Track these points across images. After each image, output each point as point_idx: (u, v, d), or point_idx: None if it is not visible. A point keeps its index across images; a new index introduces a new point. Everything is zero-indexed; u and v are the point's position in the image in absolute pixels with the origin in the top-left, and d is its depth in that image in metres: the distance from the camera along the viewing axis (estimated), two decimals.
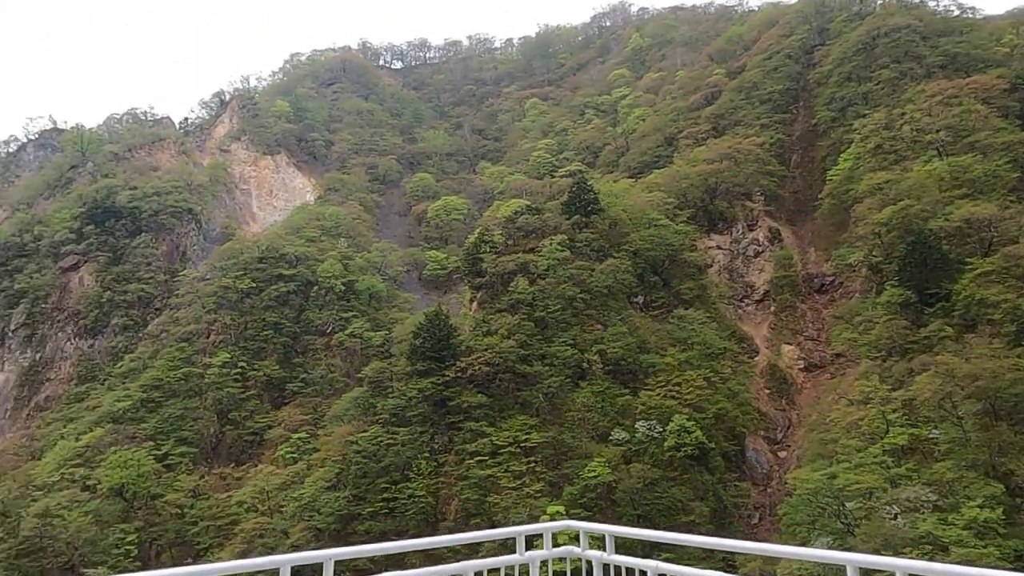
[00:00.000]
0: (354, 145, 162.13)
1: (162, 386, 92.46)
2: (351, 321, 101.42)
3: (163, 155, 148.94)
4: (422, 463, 64.29)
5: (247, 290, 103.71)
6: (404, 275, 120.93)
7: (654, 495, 58.11)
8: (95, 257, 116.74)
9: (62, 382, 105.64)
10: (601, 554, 7.53)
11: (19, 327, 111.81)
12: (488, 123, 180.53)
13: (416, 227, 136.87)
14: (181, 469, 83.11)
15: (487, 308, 78.03)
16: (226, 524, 73.72)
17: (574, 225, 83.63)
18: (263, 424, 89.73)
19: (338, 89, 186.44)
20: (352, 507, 63.63)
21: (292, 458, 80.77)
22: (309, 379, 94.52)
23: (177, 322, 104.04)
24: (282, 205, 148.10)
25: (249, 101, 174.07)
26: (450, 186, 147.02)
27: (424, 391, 68.44)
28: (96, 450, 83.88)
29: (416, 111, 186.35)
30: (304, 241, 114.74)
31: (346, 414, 76.98)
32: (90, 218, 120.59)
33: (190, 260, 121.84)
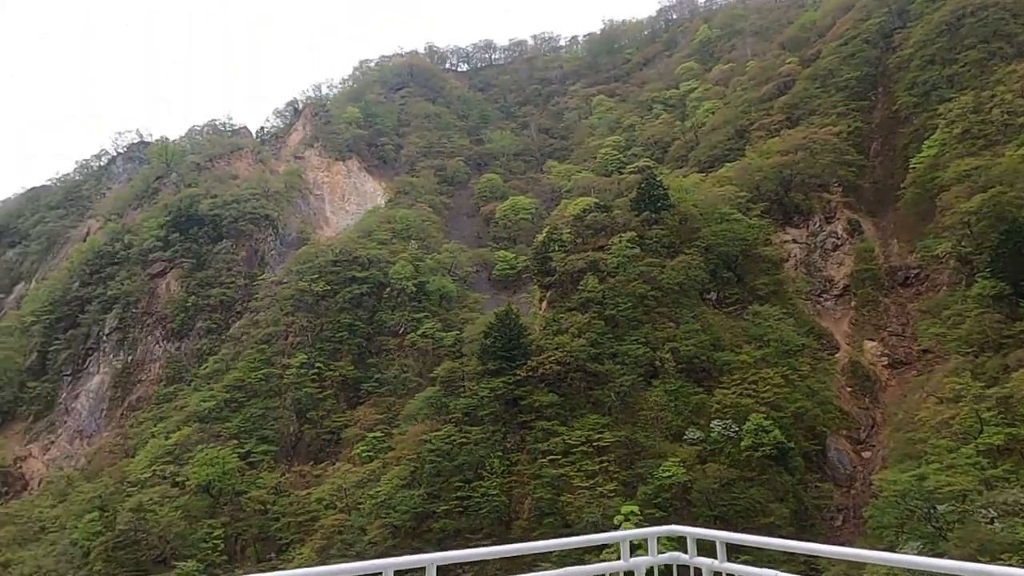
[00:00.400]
0: (422, 148, 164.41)
1: (244, 386, 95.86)
2: (422, 322, 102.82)
3: (241, 164, 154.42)
4: (495, 462, 64.62)
5: (322, 293, 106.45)
6: (473, 275, 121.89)
7: (731, 496, 56.85)
8: (180, 263, 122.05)
9: (152, 383, 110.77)
10: (712, 561, 7.17)
11: (112, 331, 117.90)
12: (554, 122, 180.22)
13: (484, 227, 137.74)
14: (263, 467, 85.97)
15: (557, 307, 77.90)
16: (306, 520, 75.84)
17: (644, 222, 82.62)
18: (340, 423, 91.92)
19: (406, 94, 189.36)
20: (427, 505, 64.52)
21: (368, 456, 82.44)
22: (383, 379, 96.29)
23: (257, 325, 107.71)
24: (354, 209, 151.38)
25: (321, 109, 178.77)
26: (517, 186, 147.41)
27: (496, 390, 68.80)
28: (184, 448, 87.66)
29: (483, 112, 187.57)
30: (376, 244, 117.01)
31: (419, 413, 78.08)
32: (175, 226, 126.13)
33: (268, 264, 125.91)
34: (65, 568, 75.44)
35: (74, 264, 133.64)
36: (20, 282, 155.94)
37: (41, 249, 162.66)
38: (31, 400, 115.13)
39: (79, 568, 74.16)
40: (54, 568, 76.16)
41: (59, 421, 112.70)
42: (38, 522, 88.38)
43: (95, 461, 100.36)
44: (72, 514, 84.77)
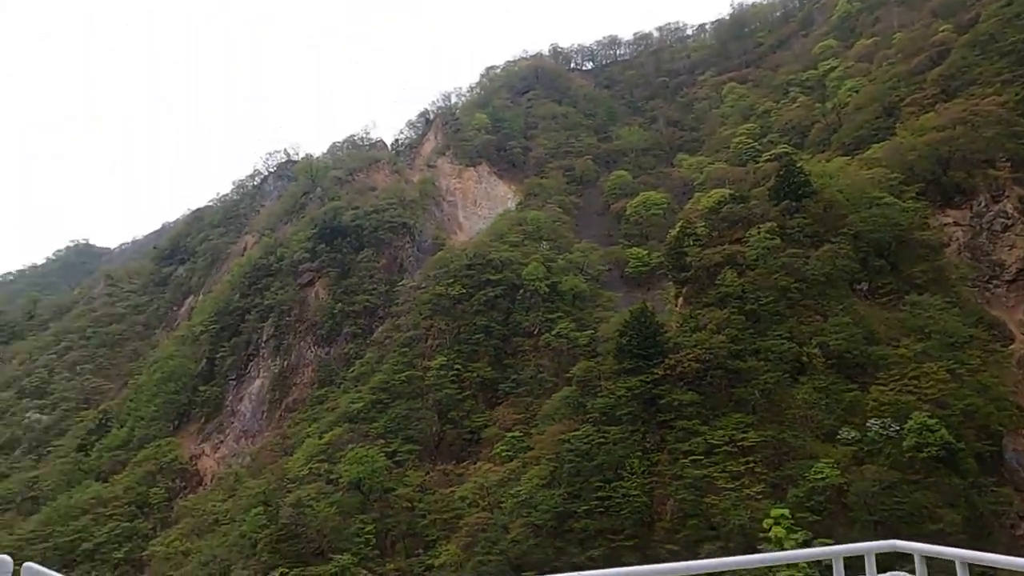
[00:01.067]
0: (550, 149, 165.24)
1: (388, 388, 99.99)
2: (556, 322, 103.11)
3: (379, 175, 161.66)
4: (634, 462, 63.65)
5: (458, 296, 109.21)
6: (606, 274, 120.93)
7: (893, 500, 52.88)
8: (327, 272, 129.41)
9: (306, 386, 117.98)
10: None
11: (269, 338, 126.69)
12: (684, 114, 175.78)
13: (615, 225, 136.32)
14: (409, 465, 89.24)
15: (693, 303, 75.75)
16: (451, 518, 77.91)
17: (784, 211, 78.75)
18: (479, 423, 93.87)
19: (532, 96, 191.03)
20: (567, 504, 64.51)
21: (507, 456, 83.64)
22: (520, 379, 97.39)
23: (398, 329, 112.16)
24: (486, 213, 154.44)
25: (451, 117, 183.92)
26: (648, 181, 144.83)
27: (633, 389, 67.81)
28: (336, 447, 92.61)
29: (609, 109, 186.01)
30: (508, 246, 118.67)
31: (557, 413, 78.31)
32: (321, 238, 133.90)
33: (407, 271, 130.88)
34: (236, 557, 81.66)
35: (234, 277, 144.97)
36: (190, 295, 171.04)
37: (206, 264, 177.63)
38: (202, 403, 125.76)
39: (248, 558, 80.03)
40: (227, 557, 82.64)
41: (227, 422, 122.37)
42: (212, 514, 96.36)
43: (258, 459, 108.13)
44: (240, 508, 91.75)
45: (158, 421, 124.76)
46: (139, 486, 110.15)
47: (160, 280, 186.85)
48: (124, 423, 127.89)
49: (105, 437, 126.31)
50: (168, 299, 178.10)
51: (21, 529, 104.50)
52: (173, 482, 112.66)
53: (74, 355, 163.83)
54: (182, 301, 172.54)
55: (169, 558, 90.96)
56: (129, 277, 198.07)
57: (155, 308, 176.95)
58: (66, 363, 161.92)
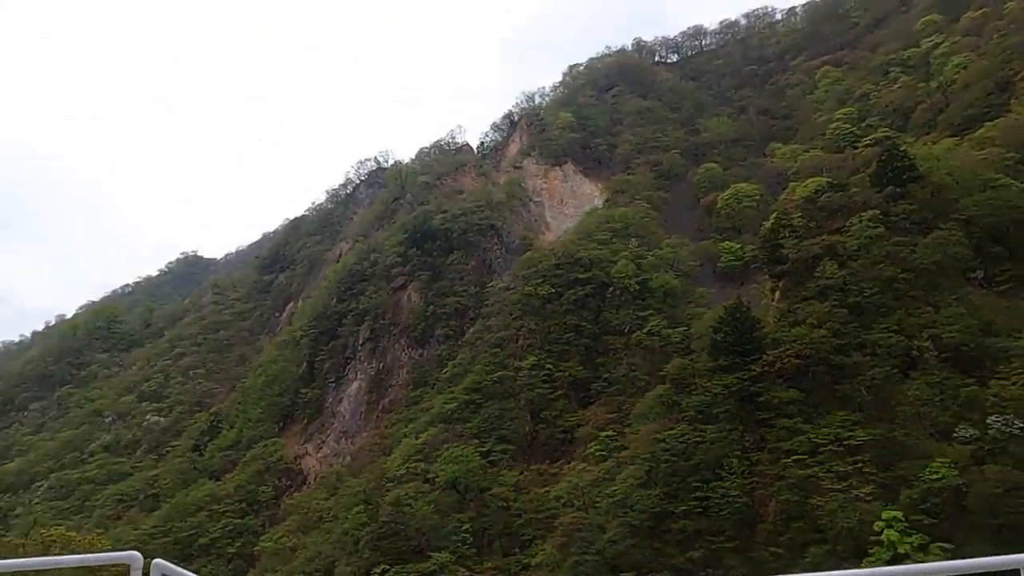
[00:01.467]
0: (636, 145, 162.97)
1: (481, 389, 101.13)
2: (648, 319, 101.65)
3: (466, 178, 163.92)
4: (733, 461, 61.91)
5: (547, 296, 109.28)
6: (697, 269, 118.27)
7: (1018, 502, 49.34)
8: (418, 276, 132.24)
9: (401, 387, 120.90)
10: None
11: (365, 341, 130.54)
12: (775, 102, 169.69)
13: (706, 219, 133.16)
14: (503, 465, 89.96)
15: (791, 297, 72.99)
16: (546, 517, 78.06)
17: (887, 198, 74.81)
18: (572, 422, 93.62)
19: (616, 92, 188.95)
20: (664, 505, 63.43)
21: (602, 455, 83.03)
22: (612, 378, 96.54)
23: (489, 329, 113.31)
24: (572, 212, 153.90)
25: (535, 118, 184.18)
26: (739, 173, 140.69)
27: (729, 387, 65.97)
28: (432, 447, 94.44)
29: (696, 101, 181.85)
30: (596, 244, 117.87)
31: (651, 412, 77.15)
32: (412, 242, 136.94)
33: (495, 272, 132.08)
34: (340, 554, 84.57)
35: (330, 283, 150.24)
36: (290, 301, 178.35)
37: (304, 271, 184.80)
38: (304, 405, 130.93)
39: (351, 555, 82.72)
40: (331, 554, 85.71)
41: (327, 423, 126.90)
42: (316, 512, 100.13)
43: (358, 458, 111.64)
44: (342, 506, 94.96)
45: (264, 422, 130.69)
46: (248, 484, 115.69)
47: (262, 287, 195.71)
48: (233, 424, 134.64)
49: (216, 438, 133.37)
50: (270, 305, 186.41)
51: (144, 524, 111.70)
52: (279, 481, 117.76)
53: (187, 360, 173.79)
54: (283, 307, 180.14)
55: (278, 553, 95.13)
56: (234, 286, 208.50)
57: (259, 314, 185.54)
58: (180, 368, 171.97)
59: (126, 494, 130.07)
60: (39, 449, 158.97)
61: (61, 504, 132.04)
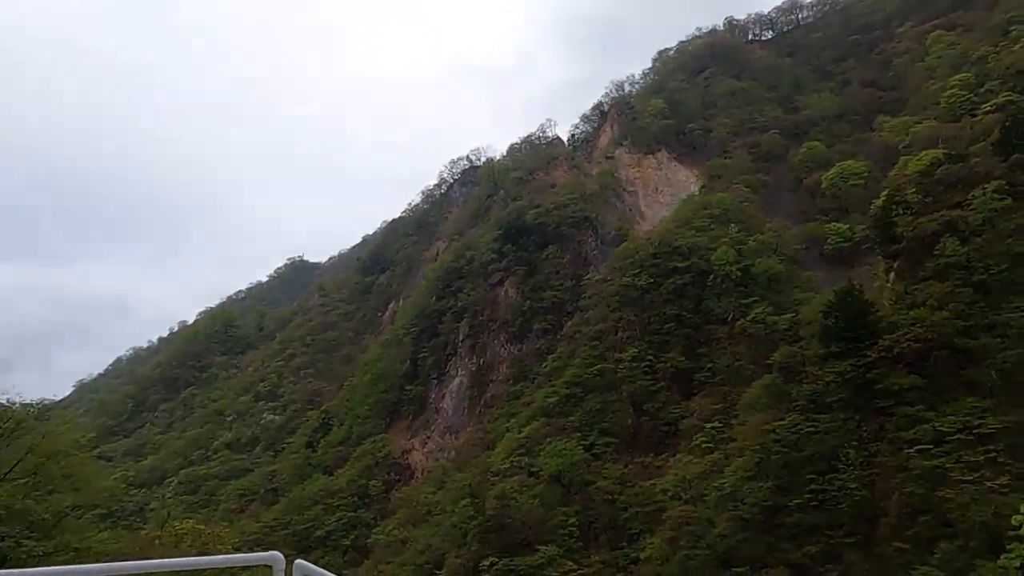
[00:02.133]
0: (732, 128, 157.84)
1: (581, 382, 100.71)
2: (751, 307, 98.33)
3: (558, 172, 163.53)
4: (850, 452, 59.12)
5: (645, 286, 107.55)
6: (802, 253, 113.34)
7: None
8: (515, 271, 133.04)
9: (501, 382, 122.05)
10: None
11: (465, 338, 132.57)
12: (881, 72, 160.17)
13: (810, 200, 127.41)
14: (606, 458, 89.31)
15: (908, 277, 68.97)
16: (653, 511, 76.98)
17: (1012, 166, 69.40)
18: (675, 414, 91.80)
19: (709, 75, 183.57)
20: (777, 498, 61.37)
21: (708, 447, 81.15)
22: (715, 368, 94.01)
23: (587, 323, 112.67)
24: (668, 200, 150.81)
25: (626, 107, 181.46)
26: (843, 150, 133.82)
27: (843, 375, 63.03)
28: (534, 441, 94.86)
29: (794, 78, 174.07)
30: (694, 232, 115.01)
31: (758, 402, 74.63)
32: (507, 238, 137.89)
33: (591, 264, 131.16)
34: (449, 546, 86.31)
35: (429, 282, 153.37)
36: (391, 301, 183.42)
37: (404, 271, 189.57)
38: (409, 401, 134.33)
39: (459, 547, 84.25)
40: (440, 546, 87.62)
41: (431, 419, 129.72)
42: (424, 505, 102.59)
43: (462, 453, 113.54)
44: (449, 499, 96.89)
45: (371, 419, 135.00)
46: (359, 479, 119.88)
47: (365, 288, 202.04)
48: (343, 421, 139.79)
49: (328, 434, 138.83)
50: (372, 305, 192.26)
51: (265, 517, 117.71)
52: (388, 475, 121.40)
53: (297, 361, 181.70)
54: (385, 307, 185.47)
55: (390, 545, 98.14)
56: (338, 288, 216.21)
57: (362, 315, 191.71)
58: (291, 368, 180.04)
59: (247, 489, 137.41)
60: (168, 447, 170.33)
61: (190, 498, 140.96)
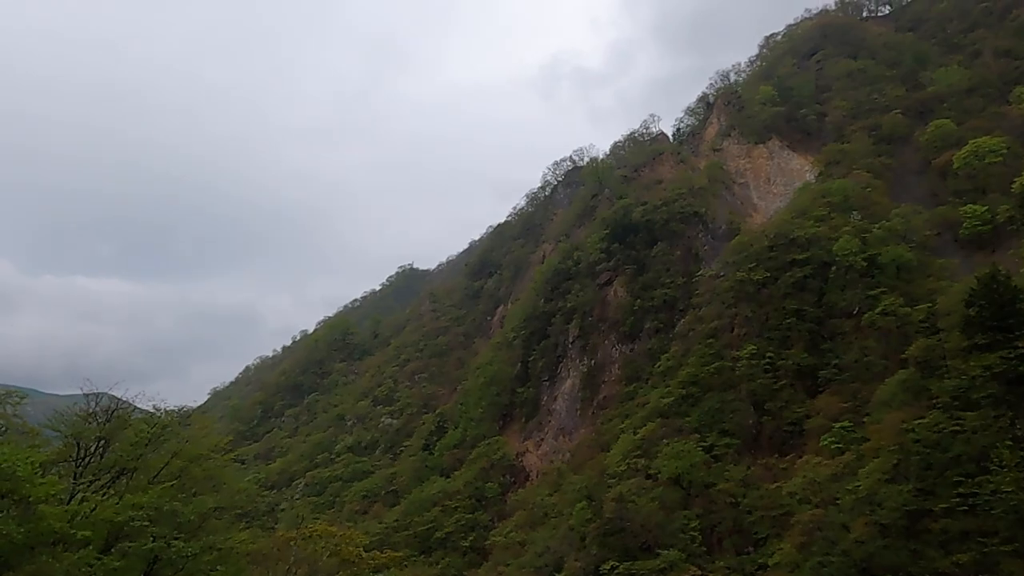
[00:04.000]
0: (849, 111, 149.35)
1: (698, 381, 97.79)
2: (879, 298, 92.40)
3: (663, 168, 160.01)
4: (1004, 452, 54.17)
5: (762, 281, 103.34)
6: (935, 239, 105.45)
7: None
8: (623, 270, 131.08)
9: (614, 383, 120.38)
10: None
11: (575, 339, 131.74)
12: (1017, 40, 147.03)
13: (940, 182, 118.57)
14: (727, 459, 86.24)
15: None
16: (780, 515, 73.71)
17: None
18: (800, 413, 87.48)
19: (821, 57, 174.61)
20: (919, 502, 57.15)
21: (837, 448, 76.89)
22: (842, 364, 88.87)
23: (701, 320, 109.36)
24: (781, 191, 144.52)
25: (733, 96, 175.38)
26: (978, 126, 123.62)
27: (991, 368, 57.89)
28: (651, 442, 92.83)
29: (917, 53, 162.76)
30: (813, 221, 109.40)
31: (894, 399, 69.83)
32: (614, 237, 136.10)
33: (703, 260, 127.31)
34: (567, 549, 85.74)
35: (537, 284, 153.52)
36: (500, 305, 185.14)
37: (511, 275, 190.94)
38: (522, 404, 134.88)
39: (578, 550, 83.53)
40: (559, 549, 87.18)
41: (544, 420, 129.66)
42: (541, 508, 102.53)
43: (577, 455, 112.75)
44: (566, 502, 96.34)
45: (485, 421, 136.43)
46: (476, 481, 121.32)
47: (473, 293, 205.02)
48: (457, 424, 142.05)
49: (444, 437, 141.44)
50: (482, 310, 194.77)
51: (387, 519, 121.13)
52: (504, 477, 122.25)
53: (411, 366, 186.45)
54: (494, 310, 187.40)
55: (508, 548, 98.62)
56: (448, 294, 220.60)
57: (472, 319, 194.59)
58: (406, 373, 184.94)
59: (369, 490, 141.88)
60: (295, 450, 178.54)
61: (316, 500, 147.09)
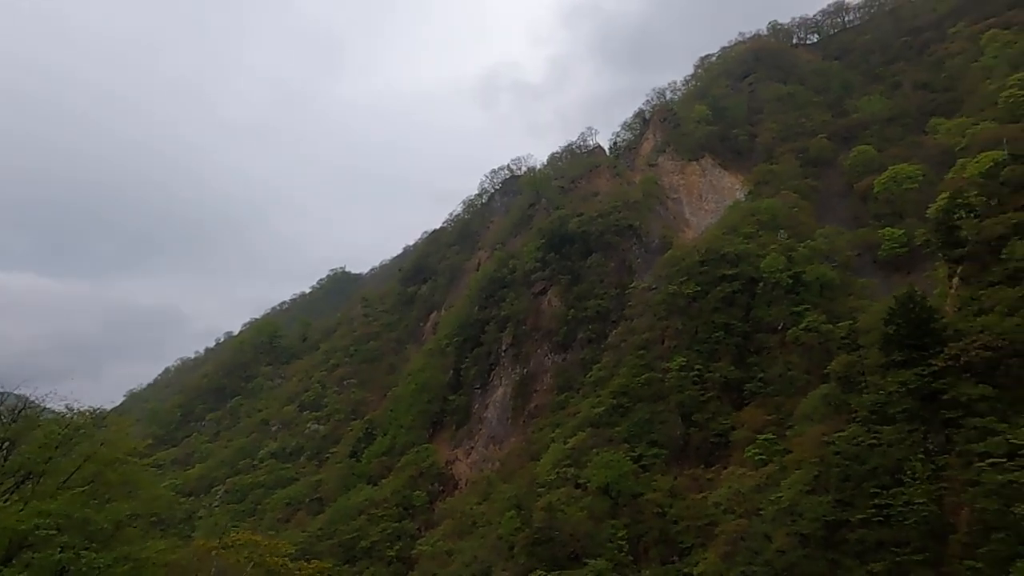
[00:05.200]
0: (778, 133, 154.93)
1: (628, 392, 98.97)
2: (803, 315, 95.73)
3: (600, 180, 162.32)
4: (916, 465, 56.38)
5: (693, 294, 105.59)
6: (855, 259, 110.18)
7: None
8: (558, 280, 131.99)
9: (546, 392, 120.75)
10: None
11: (508, 347, 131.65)
12: (933, 74, 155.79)
13: (861, 205, 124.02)
14: (655, 470, 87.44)
15: (974, 283, 65.95)
16: (705, 525, 74.96)
17: None
18: (726, 425, 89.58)
19: (753, 80, 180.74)
20: (838, 513, 58.83)
21: (761, 460, 78.88)
22: (767, 378, 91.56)
23: (633, 332, 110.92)
24: (713, 207, 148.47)
25: (669, 114, 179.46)
26: (896, 154, 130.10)
27: (907, 384, 60.23)
28: (581, 452, 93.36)
29: (843, 81, 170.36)
30: (742, 238, 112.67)
31: (815, 413, 72.21)
32: (550, 247, 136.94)
33: (636, 272, 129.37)
34: (495, 559, 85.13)
35: (472, 291, 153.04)
36: (433, 311, 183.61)
37: (446, 282, 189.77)
38: (452, 411, 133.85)
39: (507, 560, 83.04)
40: (486, 558, 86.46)
41: (475, 429, 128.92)
42: (470, 517, 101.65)
43: (507, 464, 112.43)
44: (495, 511, 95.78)
45: (415, 429, 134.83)
46: (404, 489, 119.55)
47: (407, 299, 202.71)
48: (386, 431, 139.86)
49: (372, 444, 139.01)
50: (415, 316, 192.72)
51: (311, 527, 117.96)
52: (432, 486, 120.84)
53: (341, 371, 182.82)
54: (427, 317, 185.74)
55: (435, 557, 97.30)
56: (380, 298, 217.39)
57: (405, 325, 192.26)
58: (335, 378, 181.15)
59: (293, 498, 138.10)
60: (216, 456, 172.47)
61: (237, 507, 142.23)
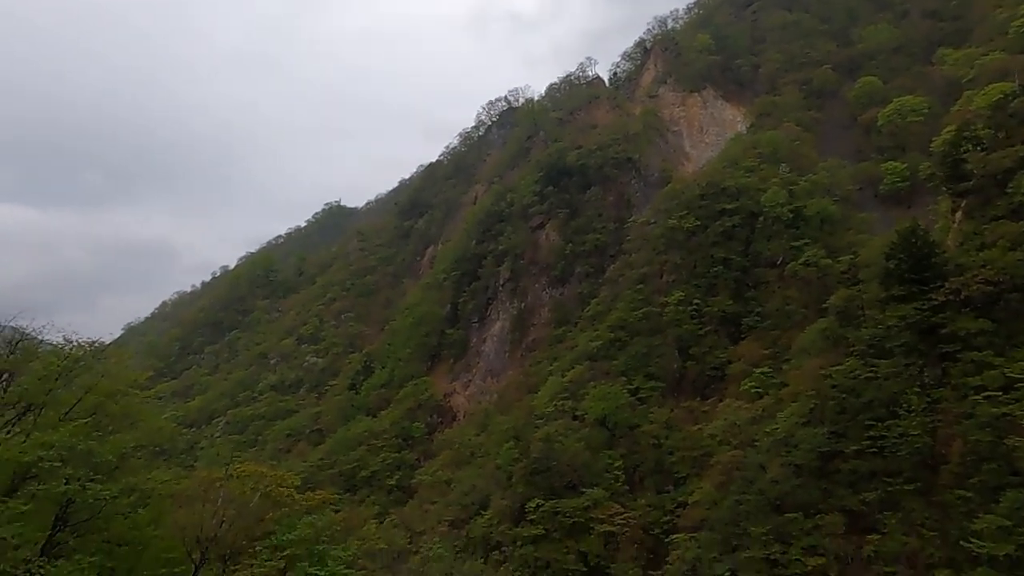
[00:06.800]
0: (782, 63, 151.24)
1: (626, 326, 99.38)
2: (803, 249, 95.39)
3: (599, 112, 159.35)
4: (912, 398, 57.07)
5: (692, 228, 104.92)
6: (857, 194, 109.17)
7: None
8: (556, 214, 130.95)
9: (543, 326, 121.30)
10: None
11: (506, 282, 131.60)
12: (942, 2, 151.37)
13: (865, 138, 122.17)
14: (652, 402, 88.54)
15: (977, 217, 65.45)
16: (700, 455, 76.37)
17: None
18: (723, 359, 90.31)
19: (758, 7, 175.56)
20: (833, 444, 59.86)
21: (757, 393, 79.76)
22: (765, 312, 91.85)
23: (631, 266, 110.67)
24: (714, 140, 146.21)
25: (670, 43, 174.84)
26: (902, 85, 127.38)
27: (906, 318, 60.44)
28: (578, 385, 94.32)
29: (849, 9, 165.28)
30: (743, 172, 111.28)
31: (813, 347, 72.64)
32: (548, 180, 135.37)
33: (635, 206, 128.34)
34: (493, 488, 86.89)
35: (469, 225, 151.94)
36: (430, 245, 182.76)
37: (442, 215, 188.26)
38: (450, 345, 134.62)
39: (504, 489, 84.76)
40: (485, 487, 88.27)
41: (473, 362, 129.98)
42: (468, 448, 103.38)
43: (505, 396, 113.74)
44: (493, 442, 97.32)
45: (413, 362, 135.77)
46: (402, 421, 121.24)
47: (403, 233, 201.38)
48: (384, 364, 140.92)
49: (370, 377, 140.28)
50: (411, 250, 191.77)
51: (311, 457, 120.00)
52: (431, 417, 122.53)
53: (338, 305, 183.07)
54: (424, 251, 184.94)
55: (434, 486, 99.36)
56: (376, 232, 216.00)
57: (401, 259, 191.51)
58: (332, 312, 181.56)
59: (293, 429, 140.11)
60: (215, 388, 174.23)
61: (238, 438, 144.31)
